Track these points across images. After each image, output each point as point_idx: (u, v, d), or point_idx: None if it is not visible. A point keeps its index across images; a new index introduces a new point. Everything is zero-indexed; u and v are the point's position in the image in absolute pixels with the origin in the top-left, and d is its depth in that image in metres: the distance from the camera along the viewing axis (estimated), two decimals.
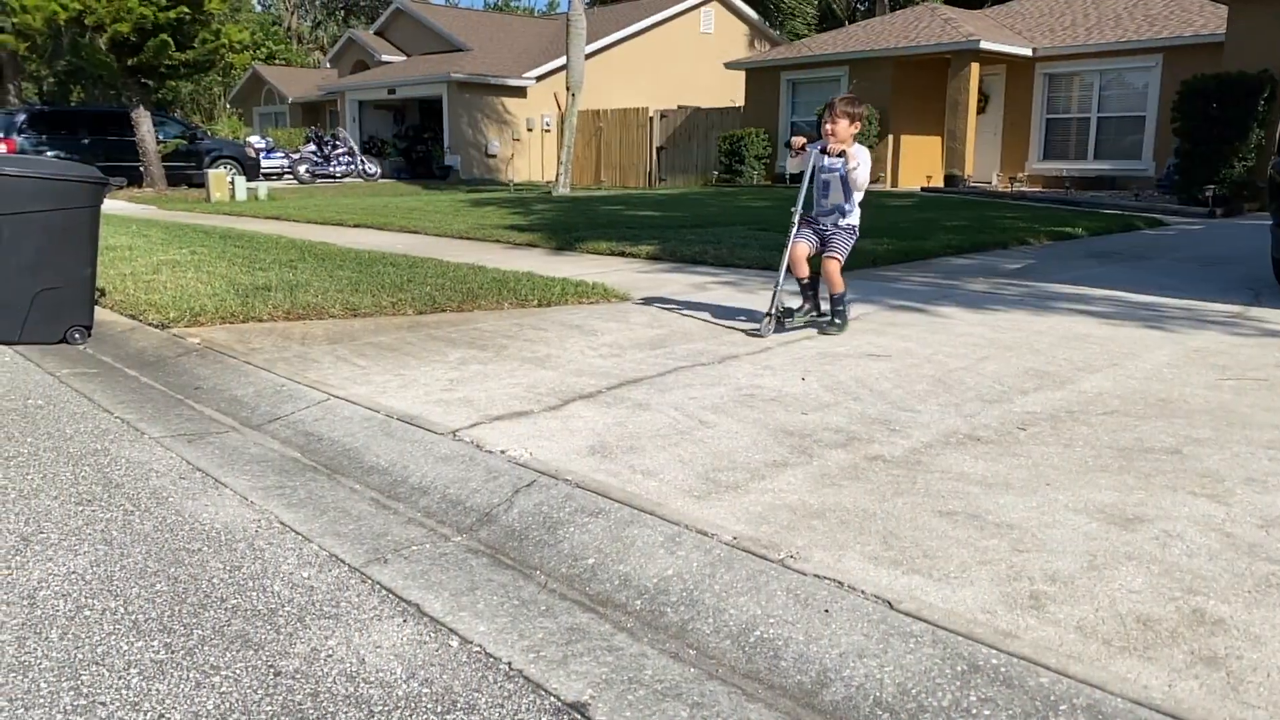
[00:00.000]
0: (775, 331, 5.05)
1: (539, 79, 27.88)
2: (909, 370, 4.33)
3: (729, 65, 24.24)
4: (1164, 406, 3.76)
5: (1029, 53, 19.65)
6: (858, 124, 4.98)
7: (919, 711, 1.85)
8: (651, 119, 25.83)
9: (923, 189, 19.55)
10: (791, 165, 5.18)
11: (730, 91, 25.71)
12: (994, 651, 1.96)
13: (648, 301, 6.27)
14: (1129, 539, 2.49)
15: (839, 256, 5.09)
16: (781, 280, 5.06)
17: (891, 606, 2.15)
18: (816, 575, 2.30)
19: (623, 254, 8.90)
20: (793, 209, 5.04)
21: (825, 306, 5.30)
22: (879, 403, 3.80)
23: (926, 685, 1.91)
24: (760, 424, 3.51)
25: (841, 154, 4.88)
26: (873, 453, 3.19)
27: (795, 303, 5.36)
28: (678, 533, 2.57)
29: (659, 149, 25.83)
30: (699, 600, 2.29)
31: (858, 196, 5.05)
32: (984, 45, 18.84)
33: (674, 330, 5.27)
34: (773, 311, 5.05)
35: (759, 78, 23.12)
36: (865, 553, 2.42)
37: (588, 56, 22.03)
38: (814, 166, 5.00)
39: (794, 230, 5.07)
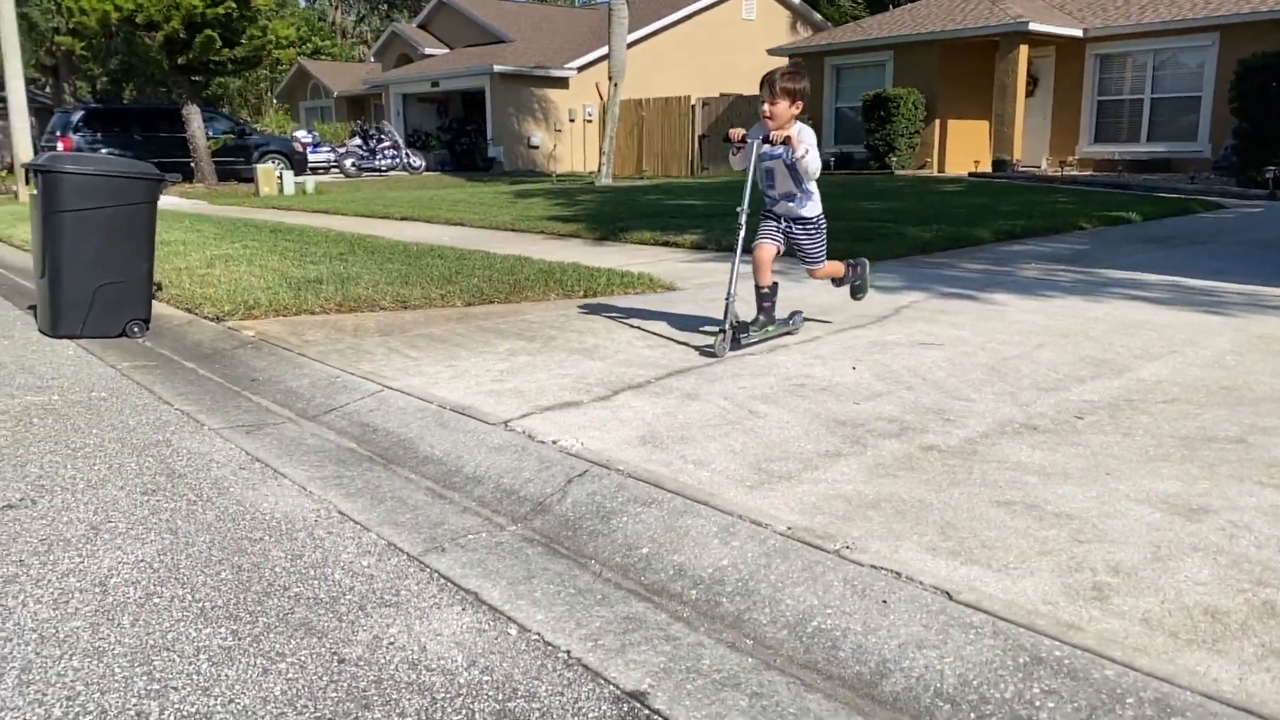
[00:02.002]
0: (731, 349, 4.39)
1: (581, 69, 27.89)
2: (962, 358, 4.28)
3: (771, 51, 24.04)
4: (1227, 394, 3.67)
5: (1079, 33, 19.23)
6: (800, 103, 4.34)
7: (981, 703, 1.83)
8: (693, 107, 25.73)
9: (970, 174, 19.27)
10: (735, 163, 4.58)
11: None
12: (1057, 643, 1.94)
13: (693, 291, 6.25)
14: (1194, 530, 2.44)
15: (819, 261, 4.67)
16: (734, 289, 4.34)
17: (950, 597, 2.13)
18: (873, 566, 2.29)
19: (667, 243, 8.89)
20: (739, 208, 4.36)
21: (783, 315, 4.80)
22: (932, 392, 3.76)
23: (988, 677, 1.89)
24: (811, 414, 3.49)
25: (786, 140, 4.27)
26: (927, 442, 3.16)
27: (773, 309, 4.75)
28: (731, 523, 2.57)
29: (701, 137, 25.72)
30: (755, 590, 2.29)
31: (812, 182, 4.50)
32: (1033, 27, 18.48)
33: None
34: (727, 326, 4.35)
35: (802, 64, 22.89)
36: (922, 543, 2.40)
37: (629, 45, 21.98)
38: (756, 156, 4.40)
39: (742, 232, 4.38)
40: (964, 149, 20.62)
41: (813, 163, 4.31)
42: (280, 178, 18.32)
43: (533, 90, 27.90)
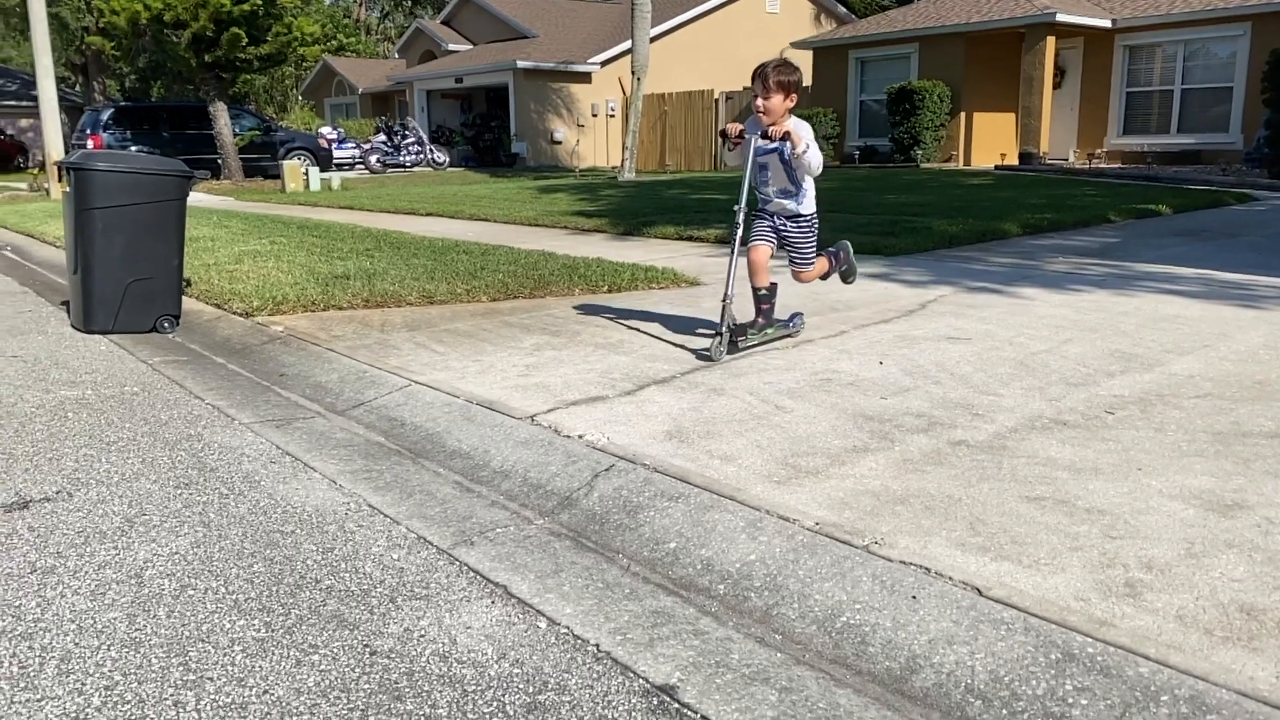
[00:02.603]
0: (729, 354, 4.24)
1: (604, 64, 27.88)
2: (990, 353, 4.25)
3: (795, 45, 23.93)
4: (1261, 389, 3.63)
5: (1108, 24, 19.01)
6: (794, 96, 4.19)
7: (1012, 699, 1.83)
8: (717, 101, 25.64)
9: (996, 167, 19.10)
10: (730, 158, 4.41)
11: None
12: (1089, 640, 1.92)
13: (717, 286, 6.24)
14: (1229, 526, 2.41)
15: (808, 265, 4.46)
16: (731, 289, 4.17)
17: (980, 593, 2.12)
18: (902, 561, 2.28)
19: (690, 238, 8.88)
20: (735, 207, 4.22)
21: (784, 317, 4.64)
22: (960, 386, 3.73)
23: (1020, 673, 1.88)
24: (838, 409, 3.48)
25: (785, 136, 4.09)
26: (955, 437, 3.14)
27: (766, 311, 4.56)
28: (759, 518, 2.57)
29: (724, 132, 25.62)
30: (783, 586, 2.29)
31: (809, 178, 4.32)
32: (1060, 18, 18.28)
33: (747, 315, 5.24)
34: (723, 329, 4.20)
35: (826, 57, 22.80)
36: (951, 539, 2.39)
37: (652, 39, 21.95)
38: (753, 152, 4.23)
39: (739, 231, 4.23)
40: (990, 142, 20.44)
41: (814, 159, 4.14)
42: (306, 174, 18.45)
43: (556, 85, 27.91)
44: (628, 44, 22.39)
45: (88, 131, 21.14)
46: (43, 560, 2.51)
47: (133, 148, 20.19)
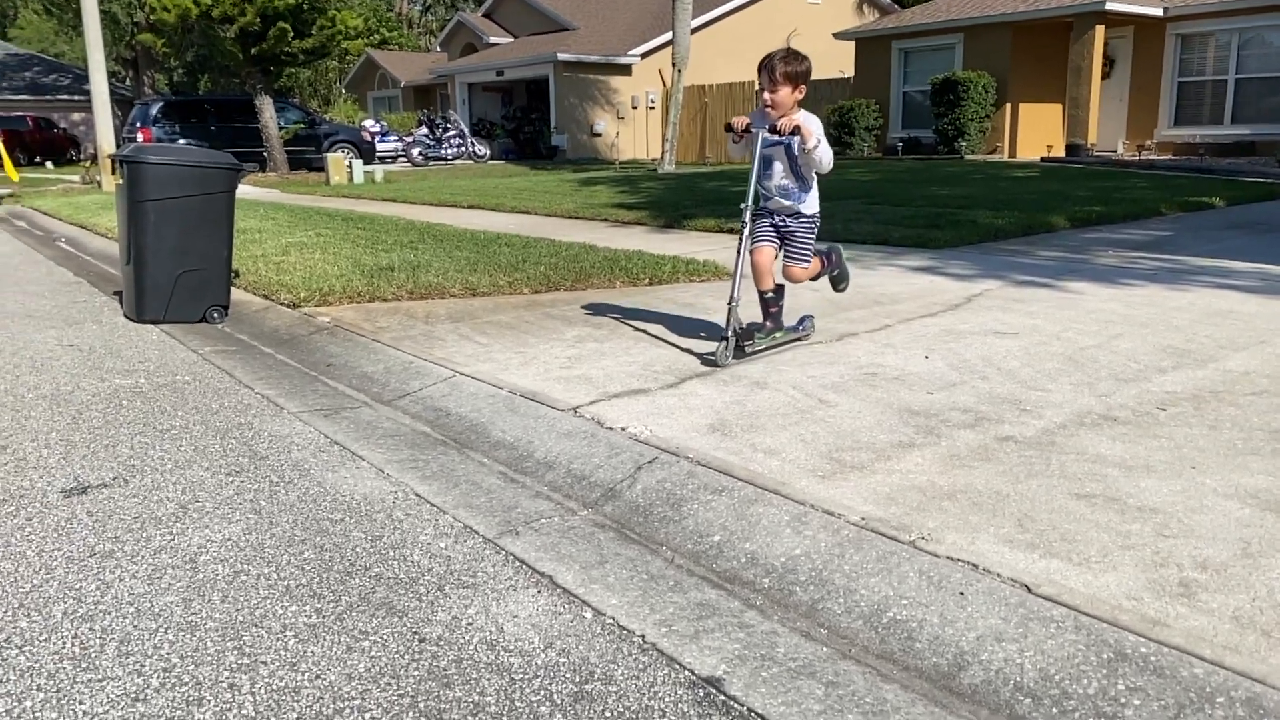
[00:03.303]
0: (735, 358, 4.06)
1: (644, 56, 27.84)
2: (1037, 348, 4.19)
3: (838, 35, 23.72)
4: None
5: (1159, 13, 18.60)
6: (802, 87, 3.96)
7: (1063, 698, 1.81)
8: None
9: (1042, 159, 18.80)
10: (734, 151, 4.23)
11: (838, 62, 25.17)
12: (1142, 640, 1.90)
13: None
14: None
15: (803, 262, 4.19)
16: (737, 292, 3.99)
17: (1030, 590, 2.10)
18: (950, 557, 2.27)
19: (731, 231, 8.84)
20: (742, 205, 4.05)
21: (791, 322, 4.43)
22: (1007, 382, 3.69)
23: (1070, 672, 1.86)
24: (883, 403, 3.45)
25: (795, 130, 3.87)
26: (1003, 433, 3.11)
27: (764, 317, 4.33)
28: (804, 512, 2.56)
29: None
30: (828, 580, 2.28)
31: (814, 176, 4.12)
32: (1110, 6, 17.92)
33: (788, 308, 5.21)
34: (729, 333, 4.01)
35: (869, 47, 22.57)
36: (999, 535, 2.37)
37: (693, 31, 21.87)
38: (760, 145, 4.01)
39: (745, 231, 4.04)
40: (1036, 133, 20.11)
41: (825, 154, 3.94)
42: (350, 167, 18.64)
43: (596, 78, 27.93)
44: (668, 35, 22.34)
45: (137, 125, 21.53)
46: (101, 544, 2.58)
47: (181, 141, 20.54)
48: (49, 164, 32.58)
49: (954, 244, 7.57)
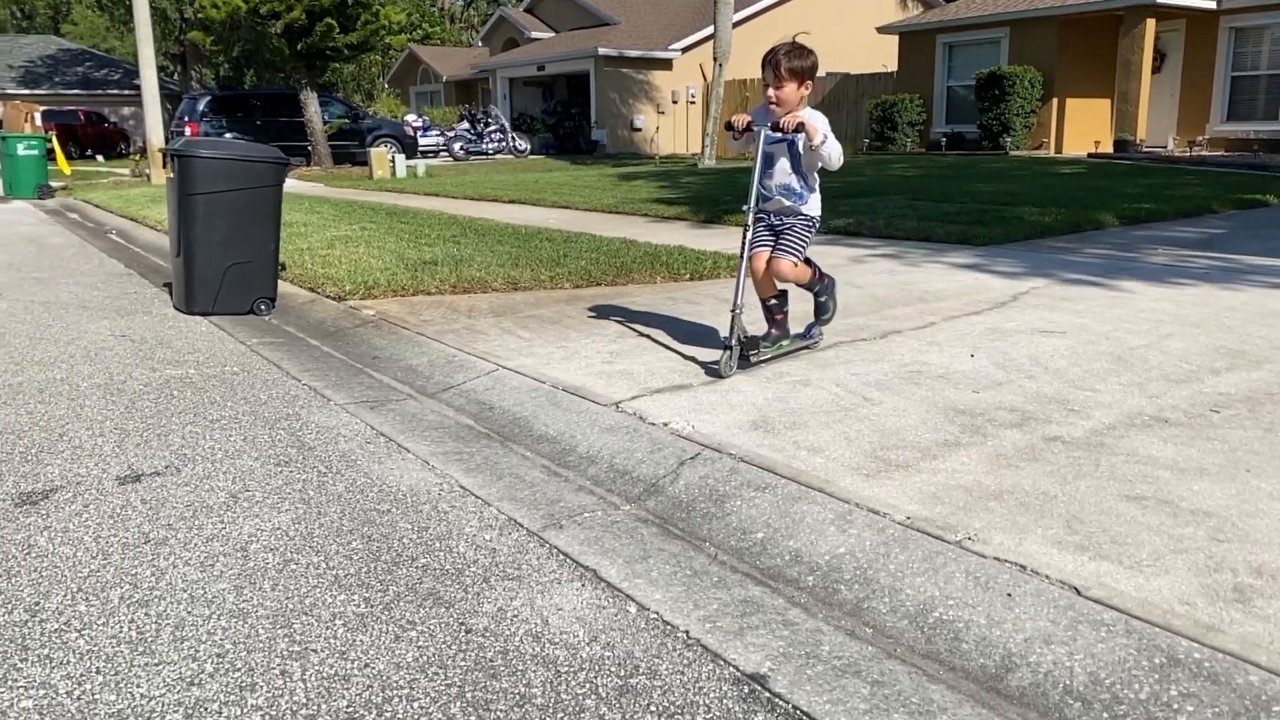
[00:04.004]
0: (740, 368, 3.85)
1: (684, 50, 27.78)
2: (1085, 347, 4.13)
3: (881, 30, 23.49)
4: None
5: (1213, 5, 18.19)
6: (808, 83, 3.76)
7: (1114, 703, 1.79)
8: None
9: (1090, 155, 18.49)
10: (736, 148, 4.03)
11: (881, 57, 24.94)
12: (1195, 645, 1.87)
13: None
14: None
15: (793, 256, 3.89)
16: (740, 297, 3.74)
17: (1079, 593, 2.08)
18: (997, 558, 2.24)
19: None
20: (745, 207, 3.82)
21: (798, 329, 4.20)
22: (1054, 381, 3.64)
23: (1121, 676, 1.84)
24: (928, 401, 3.42)
25: (800, 128, 3.65)
26: (1050, 433, 3.07)
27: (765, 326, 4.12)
28: (848, 510, 2.55)
29: None
30: (873, 579, 2.27)
31: (815, 169, 3.89)
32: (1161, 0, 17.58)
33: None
34: (733, 342, 3.79)
35: (912, 41, 22.32)
36: (1048, 537, 2.34)
37: (735, 25, 21.78)
38: (763, 143, 3.79)
39: (748, 234, 3.82)
40: (1083, 129, 19.78)
41: (833, 150, 3.72)
42: (392, 161, 18.82)
43: (636, 72, 27.92)
44: (709, 29, 22.27)
45: (185, 119, 21.90)
46: (155, 531, 2.63)
47: (227, 135, 20.86)
48: (99, 157, 33.27)
49: (999, 241, 7.47)
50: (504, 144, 27.04)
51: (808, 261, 4.02)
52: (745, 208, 3.83)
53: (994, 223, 8.10)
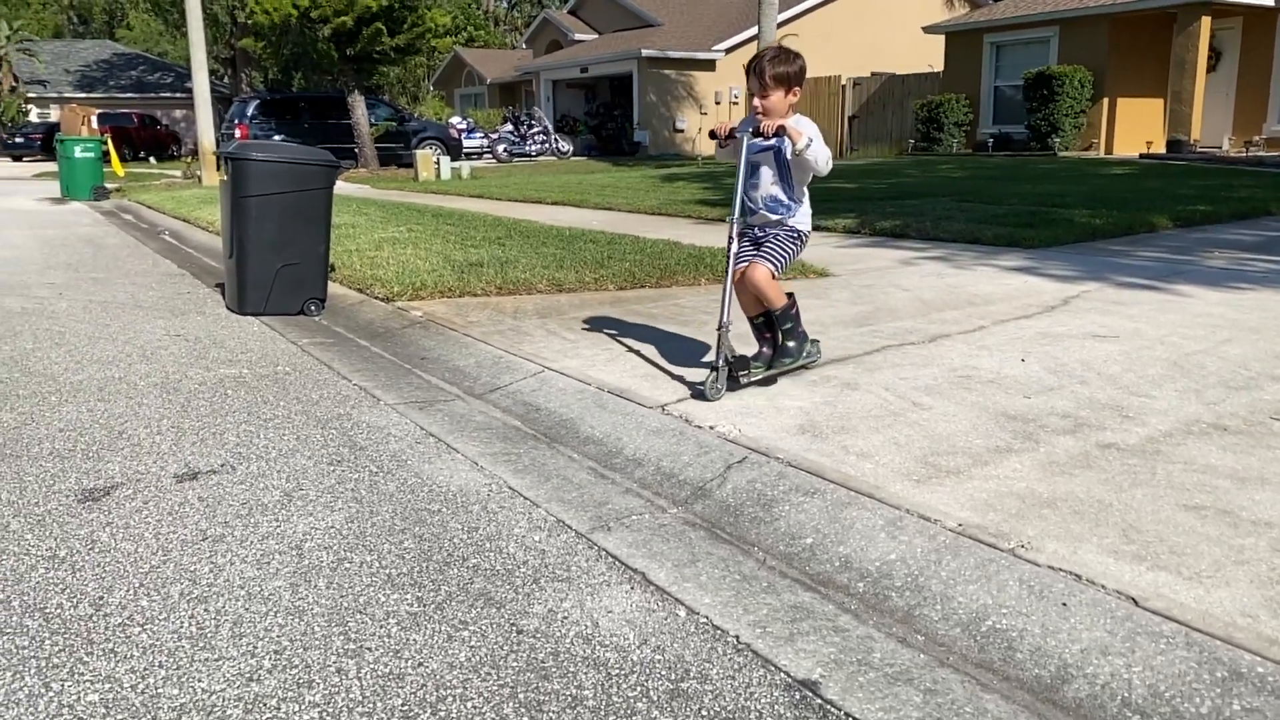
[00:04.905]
0: (729, 389, 3.61)
1: (728, 51, 27.72)
2: (1139, 352, 4.06)
3: (927, 29, 23.26)
4: None
5: (1270, 2, 17.77)
6: (796, 90, 3.55)
7: (1173, 716, 1.75)
8: (844, 87, 25.19)
9: (1141, 155, 18.15)
10: (721, 155, 3.78)
11: (927, 56, 24.70)
12: (1259, 659, 1.83)
13: (847, 278, 6.15)
14: None
15: (771, 264, 3.62)
16: (726, 315, 3.53)
17: (1137, 603, 2.04)
18: (1051, 567, 2.21)
19: (817, 228, 8.71)
20: (729, 218, 3.62)
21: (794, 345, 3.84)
22: (1108, 387, 3.58)
23: (1181, 690, 1.80)
24: (978, 406, 3.39)
25: (779, 131, 3.46)
26: (1105, 440, 3.02)
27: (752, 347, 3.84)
28: (898, 517, 2.53)
29: (851, 118, 25.18)
30: (925, 586, 2.25)
31: (807, 179, 3.68)
32: None
33: (879, 307, 5.16)
34: (719, 363, 3.56)
35: (959, 41, 22.07)
36: (1103, 545, 2.31)
37: (779, 25, 21.68)
38: (746, 151, 3.59)
39: (733, 247, 3.60)
40: (1135, 129, 19.42)
41: (820, 154, 3.48)
42: (437, 163, 19.00)
43: (679, 73, 27.91)
44: (753, 30, 22.20)
45: (235, 121, 22.30)
46: (212, 529, 2.69)
47: (276, 137, 21.20)
48: (152, 159, 33.99)
49: (1049, 244, 7.36)
50: (547, 146, 27.19)
51: (790, 296, 3.72)
52: (729, 218, 3.62)
53: (1044, 225, 7.99)
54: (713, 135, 3.73)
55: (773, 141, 3.55)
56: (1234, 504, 2.52)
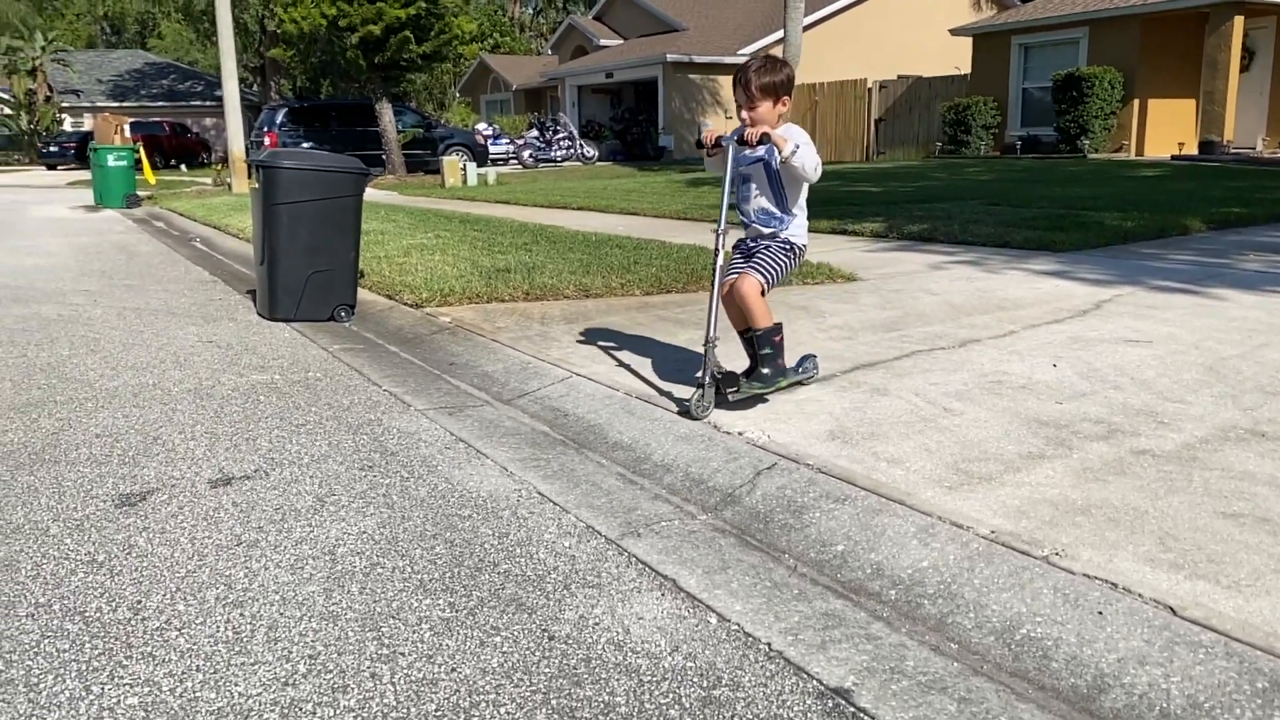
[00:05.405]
0: (718, 405, 3.47)
1: (753, 55, 27.67)
2: (1174, 357, 4.01)
3: (954, 31, 23.12)
4: None
5: None
6: (785, 100, 3.44)
7: None
8: (870, 90, 25.09)
9: (1173, 157, 17.93)
10: (711, 166, 3.67)
11: (954, 59, 24.55)
12: None
13: (876, 282, 6.12)
14: None
15: (761, 276, 3.49)
16: (713, 330, 3.40)
17: (1174, 612, 2.02)
18: (1086, 575, 2.19)
19: (844, 232, 8.73)
20: (715, 229, 3.48)
21: (790, 362, 3.69)
22: (1142, 392, 3.54)
23: (1221, 701, 1.78)
24: (1010, 412, 3.36)
25: (764, 139, 3.32)
26: (1139, 446, 2.99)
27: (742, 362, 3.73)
28: (930, 524, 2.52)
29: (877, 121, 25.07)
30: (958, 594, 2.24)
31: (801, 191, 3.58)
32: None
33: (907, 312, 5.13)
34: (706, 379, 3.43)
35: (987, 43, 21.92)
36: (1139, 553, 2.28)
37: (805, 28, 21.64)
38: (733, 161, 3.48)
39: (719, 259, 3.48)
40: (1166, 130, 19.19)
41: (808, 160, 3.35)
42: (464, 169, 19.11)
43: (704, 78, 27.92)
44: (779, 34, 22.16)
45: (264, 129, 22.53)
46: (247, 534, 2.72)
47: (304, 144, 21.40)
48: (183, 166, 34.43)
49: (1080, 247, 7.29)
50: (572, 151, 27.28)
51: (778, 325, 3.55)
52: (715, 230, 3.49)
53: (1074, 228, 7.91)
54: (699, 145, 3.63)
55: (761, 153, 3.45)
56: (1273, 511, 2.48)
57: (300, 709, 1.87)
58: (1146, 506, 2.55)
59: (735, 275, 3.54)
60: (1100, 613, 2.07)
